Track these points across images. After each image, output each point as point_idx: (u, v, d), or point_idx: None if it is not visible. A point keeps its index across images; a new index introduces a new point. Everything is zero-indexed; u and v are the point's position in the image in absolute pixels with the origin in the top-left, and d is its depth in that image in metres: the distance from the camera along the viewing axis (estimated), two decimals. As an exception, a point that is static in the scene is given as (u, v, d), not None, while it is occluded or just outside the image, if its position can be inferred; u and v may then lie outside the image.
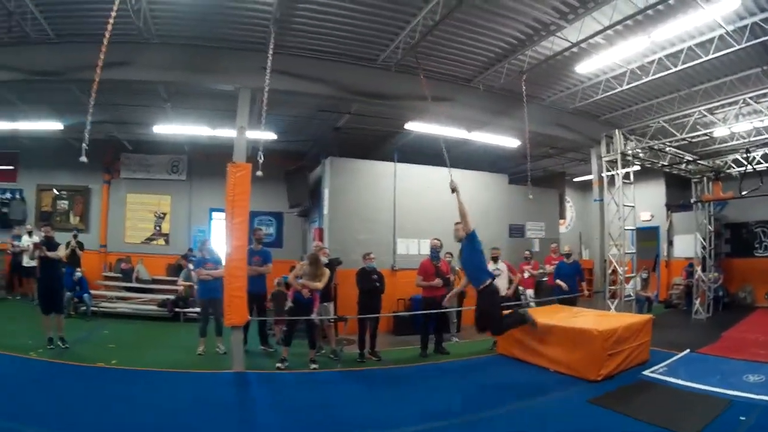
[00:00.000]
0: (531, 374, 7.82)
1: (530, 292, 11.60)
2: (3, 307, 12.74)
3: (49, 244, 9.09)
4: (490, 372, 8.28)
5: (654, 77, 9.42)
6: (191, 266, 12.32)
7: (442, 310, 9.51)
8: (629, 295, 11.80)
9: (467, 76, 9.99)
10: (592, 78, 10.13)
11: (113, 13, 6.54)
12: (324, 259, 8.97)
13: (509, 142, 12.00)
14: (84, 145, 6.50)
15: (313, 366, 8.26)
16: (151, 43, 8.65)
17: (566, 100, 11.18)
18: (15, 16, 7.83)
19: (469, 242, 6.92)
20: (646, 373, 7.59)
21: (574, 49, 8.53)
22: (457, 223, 7.16)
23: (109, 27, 6.55)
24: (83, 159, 6.51)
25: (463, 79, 10.11)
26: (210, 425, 5.72)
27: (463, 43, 8.81)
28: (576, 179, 18.51)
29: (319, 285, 8.42)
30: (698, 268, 13.51)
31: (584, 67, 9.32)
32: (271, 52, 7.92)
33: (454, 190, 7.01)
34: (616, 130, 11.60)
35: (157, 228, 16.13)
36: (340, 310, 9.95)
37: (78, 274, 12.11)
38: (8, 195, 15.58)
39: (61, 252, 9.20)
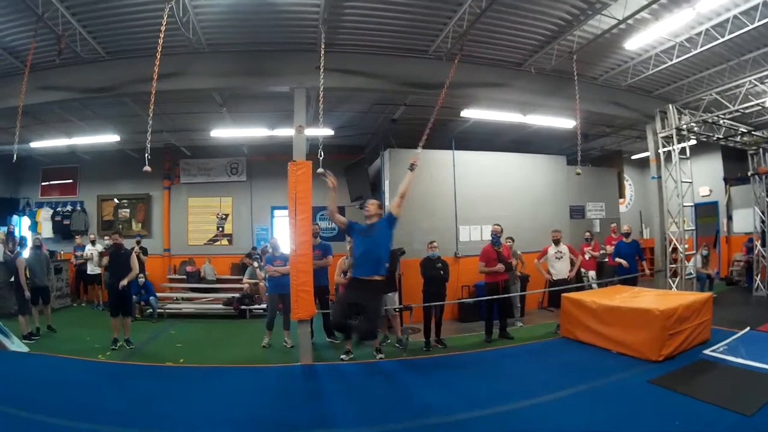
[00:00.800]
0: (594, 356, 7.82)
1: (592, 273, 11.59)
2: (69, 315, 13.26)
3: (118, 252, 9.73)
4: (554, 355, 8.28)
5: (702, 49, 9.22)
6: (255, 264, 12.97)
7: (506, 296, 9.71)
8: (690, 273, 11.64)
9: (518, 60, 10.00)
10: (642, 54, 10.00)
11: (163, 27, 6.91)
12: None
13: (565, 123, 11.89)
14: (146, 155, 6.87)
15: (379, 356, 8.49)
16: (201, 53, 9.02)
17: (618, 77, 11.05)
18: (64, 39, 8.22)
19: (390, 226, 6.60)
20: (706, 352, 7.52)
21: (622, 26, 8.42)
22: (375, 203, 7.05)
23: (161, 41, 6.92)
24: (147, 169, 6.89)
25: (514, 64, 10.12)
26: (283, 417, 5.95)
27: (511, 27, 8.82)
28: (634, 157, 18.26)
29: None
30: (758, 243, 13.20)
31: (633, 43, 9.19)
32: (322, 51, 8.10)
33: (412, 169, 6.87)
34: (670, 105, 11.49)
35: (220, 229, 16.66)
36: (404, 300, 10.15)
37: (141, 279, 12.59)
38: (69, 207, 16.47)
39: (135, 267, 9.85)
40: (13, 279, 10.46)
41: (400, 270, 10.15)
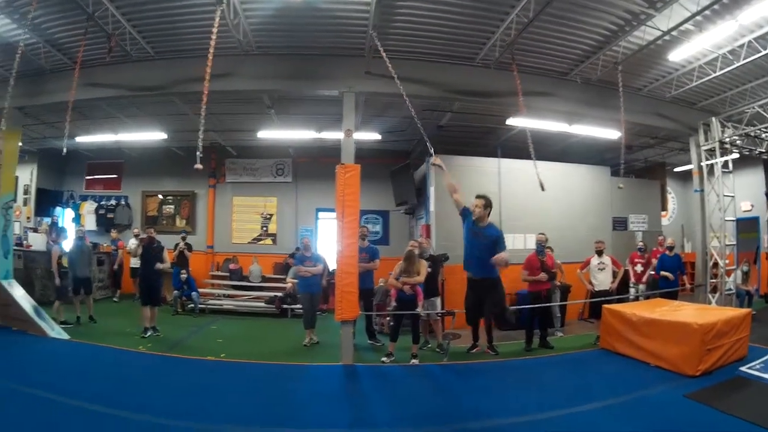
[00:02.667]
0: (631, 369, 7.98)
1: (642, 287, 11.51)
2: (110, 305, 14.02)
3: (151, 244, 10.49)
4: (592, 366, 8.45)
5: (745, 61, 9.33)
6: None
7: (547, 305, 9.96)
8: (730, 289, 11.66)
9: (564, 69, 10.23)
10: (686, 65, 10.11)
11: (215, 29, 7.23)
12: (417, 252, 9.37)
13: (609, 133, 12.14)
14: (198, 153, 7.15)
15: (413, 361, 8.73)
16: (251, 54, 9.40)
17: (662, 88, 11.18)
18: (114, 38, 8.70)
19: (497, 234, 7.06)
20: (743, 369, 7.63)
21: (666, 37, 8.57)
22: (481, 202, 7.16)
23: (213, 42, 7.23)
24: (198, 166, 7.23)
25: (560, 73, 10.35)
26: (323, 415, 6.22)
27: (557, 37, 9.06)
28: (677, 169, 18.17)
29: (419, 279, 8.96)
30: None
31: (677, 55, 9.34)
32: (373, 56, 8.51)
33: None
34: (713, 118, 11.53)
35: (264, 228, 17.18)
36: (447, 305, 10.37)
37: (184, 275, 13.25)
38: (113, 201, 17.29)
39: (167, 261, 10.67)
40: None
41: (443, 276, 10.37)
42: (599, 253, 10.54)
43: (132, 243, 14.19)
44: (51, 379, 7.11)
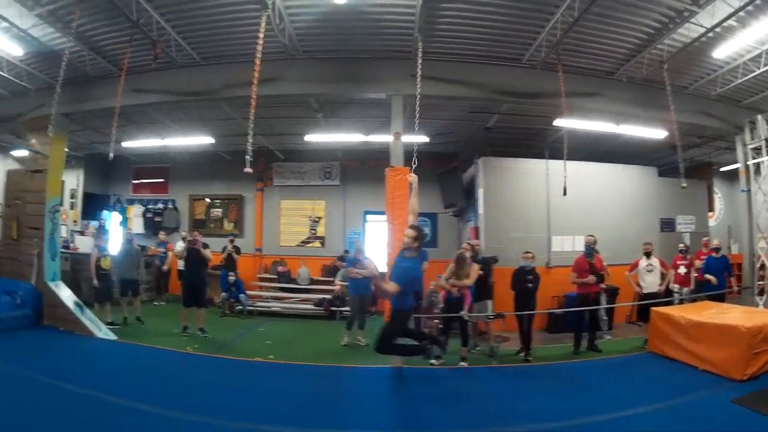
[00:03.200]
0: (678, 373, 7.89)
1: (687, 290, 11.14)
2: (157, 307, 14.37)
3: (193, 248, 10.83)
4: (640, 370, 8.37)
5: None
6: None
7: (596, 307, 9.89)
8: None
9: (609, 69, 10.21)
10: (730, 62, 10.04)
11: (261, 34, 7.40)
12: (470, 255, 9.43)
13: (655, 133, 12.02)
14: (247, 157, 7.30)
15: (462, 363, 8.76)
16: (298, 59, 9.60)
17: (707, 86, 11.09)
18: (159, 44, 8.92)
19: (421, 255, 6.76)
20: None
21: (710, 34, 8.53)
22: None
23: (260, 48, 7.40)
24: (248, 170, 7.42)
25: (605, 73, 10.33)
26: (370, 415, 6.31)
27: (602, 36, 9.08)
28: (723, 169, 17.95)
29: (468, 282, 8.97)
30: None
31: (721, 52, 9.28)
32: (420, 59, 8.51)
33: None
34: (759, 115, 11.39)
35: (312, 231, 17.41)
36: (497, 307, 10.34)
37: (232, 277, 13.50)
38: (160, 205, 17.77)
39: (209, 257, 10.94)
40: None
41: (492, 278, 10.35)
42: (647, 254, 10.45)
43: (180, 246, 14.45)
44: (98, 378, 7.32)
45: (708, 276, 10.94)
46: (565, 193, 9.19)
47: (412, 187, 6.97)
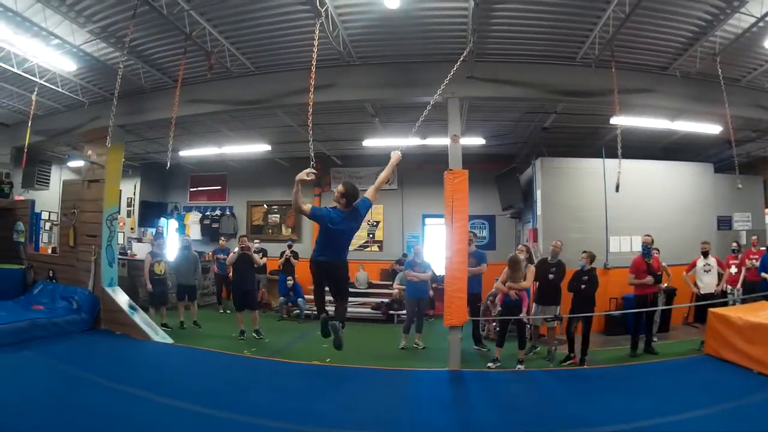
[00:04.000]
0: (734, 376, 7.79)
1: (737, 289, 10.97)
2: (215, 312, 14.80)
3: (243, 254, 11.20)
4: (695, 373, 8.36)
5: None
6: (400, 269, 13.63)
7: (653, 309, 9.80)
8: None
9: (663, 64, 10.04)
10: None
11: (316, 42, 7.44)
12: (525, 257, 9.48)
13: (710, 128, 11.77)
14: (312, 163, 7.18)
15: (519, 366, 8.78)
16: (353, 65, 9.69)
17: (761, 78, 10.81)
18: (213, 56, 9.12)
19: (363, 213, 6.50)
20: None
21: (761, 24, 8.31)
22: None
23: (315, 55, 7.42)
24: (309, 174, 7.48)
25: (659, 68, 10.17)
26: (429, 418, 6.39)
27: (654, 31, 8.93)
28: None
29: (525, 284, 9.04)
30: None
31: None
32: (475, 60, 8.65)
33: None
34: None
35: (371, 235, 17.65)
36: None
37: (290, 281, 13.81)
38: (218, 212, 18.28)
39: (258, 262, 11.49)
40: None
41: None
42: (705, 254, 10.39)
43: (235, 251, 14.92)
44: (155, 380, 7.58)
45: (764, 274, 10.73)
46: (617, 189, 9.05)
47: (390, 162, 6.90)
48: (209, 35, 8.82)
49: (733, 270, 11.03)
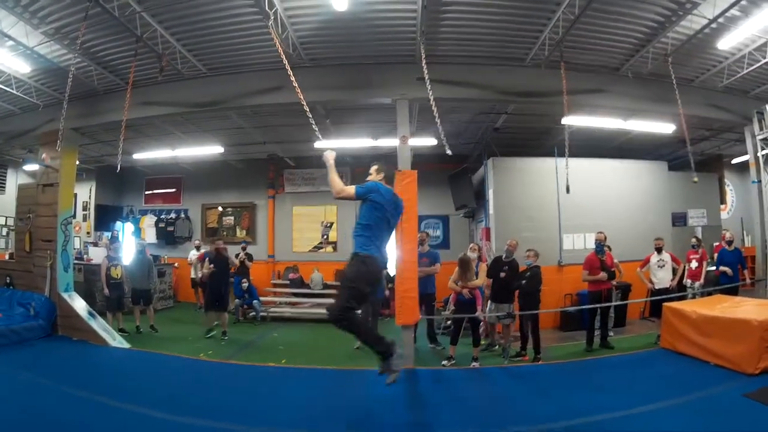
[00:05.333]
0: (691, 368, 7.87)
1: (698, 284, 11.01)
2: (171, 314, 14.89)
3: (220, 257, 11.53)
4: (652, 366, 8.40)
5: None
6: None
7: (608, 305, 9.99)
8: None
9: (615, 65, 10.24)
10: (735, 53, 10.02)
11: (278, 44, 7.60)
12: (473, 256, 9.73)
13: (664, 128, 11.90)
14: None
15: (474, 364, 8.94)
16: (303, 67, 9.62)
17: (714, 78, 11.07)
18: (165, 58, 9.15)
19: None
20: None
21: (713, 25, 8.52)
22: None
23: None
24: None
25: (611, 69, 10.36)
26: (382, 417, 6.45)
27: (605, 32, 9.10)
28: (734, 161, 17.88)
29: (477, 282, 9.20)
30: None
31: (725, 43, 9.24)
32: (424, 63, 8.65)
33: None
34: (767, 106, 11.27)
35: (325, 237, 17.69)
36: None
37: (245, 284, 13.74)
38: (173, 215, 18.17)
39: (235, 262, 11.88)
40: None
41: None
42: (658, 250, 10.55)
43: (192, 255, 15.04)
44: (113, 385, 7.54)
45: (723, 267, 11.03)
46: (568, 191, 9.26)
47: (328, 164, 6.33)
48: (161, 37, 8.83)
49: (694, 265, 11.14)
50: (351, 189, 5.90)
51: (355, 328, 5.74)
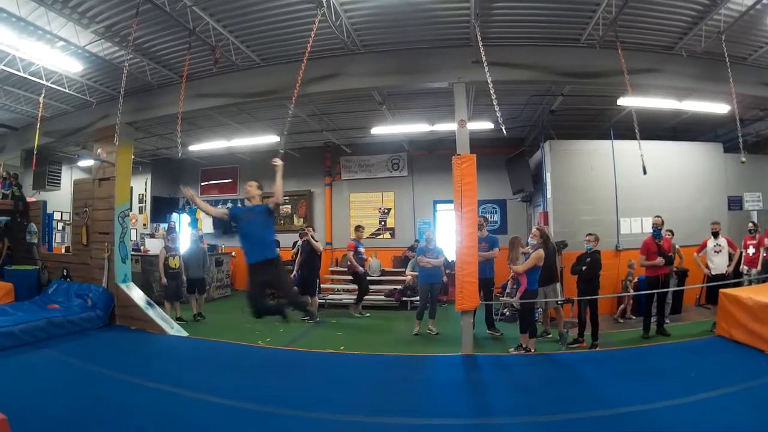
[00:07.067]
0: (745, 357, 7.71)
1: (755, 271, 10.58)
2: (226, 304, 15.01)
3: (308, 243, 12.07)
4: (707, 355, 8.25)
5: None
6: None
7: (665, 290, 9.75)
8: None
9: (668, 43, 9.96)
10: None
11: (313, 32, 7.63)
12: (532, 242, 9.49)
13: (718, 108, 11.66)
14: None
15: (511, 350, 9.02)
16: (358, 53, 9.72)
17: (767, 56, 10.69)
18: (218, 50, 9.16)
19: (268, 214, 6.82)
20: None
21: (765, 1, 8.24)
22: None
23: (309, 46, 7.63)
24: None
25: (665, 48, 10.09)
26: (443, 403, 6.43)
27: (658, 10, 8.83)
28: None
29: (517, 268, 9.08)
30: None
31: None
32: (481, 45, 8.46)
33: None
34: None
35: (382, 223, 17.80)
36: (566, 293, 10.41)
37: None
38: (229, 204, 17.89)
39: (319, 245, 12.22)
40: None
41: (561, 263, 10.43)
42: (715, 234, 10.34)
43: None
44: (173, 373, 7.73)
45: (777, 254, 10.54)
46: (645, 172, 8.97)
47: (276, 171, 7.02)
48: (213, 30, 8.88)
49: (751, 251, 10.70)
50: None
51: (274, 309, 6.76)
